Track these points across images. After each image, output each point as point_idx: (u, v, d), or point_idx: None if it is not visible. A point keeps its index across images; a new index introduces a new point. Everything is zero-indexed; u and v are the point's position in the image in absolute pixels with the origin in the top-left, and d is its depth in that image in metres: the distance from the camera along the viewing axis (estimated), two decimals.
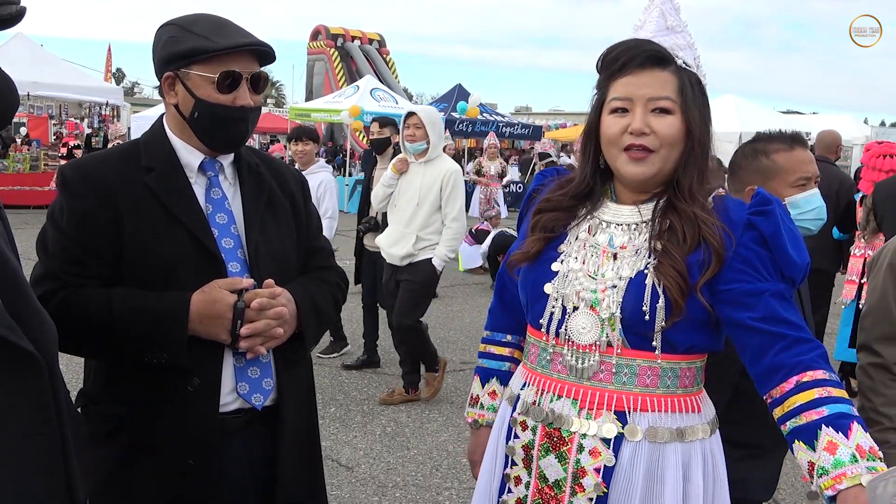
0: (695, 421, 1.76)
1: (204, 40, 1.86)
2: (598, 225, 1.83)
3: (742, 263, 1.68)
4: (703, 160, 1.77)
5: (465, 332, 8.19)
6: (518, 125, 24.62)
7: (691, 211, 1.72)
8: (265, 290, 1.88)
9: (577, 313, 1.76)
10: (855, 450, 1.50)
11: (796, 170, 2.32)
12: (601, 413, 1.73)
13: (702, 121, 1.76)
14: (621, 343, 1.73)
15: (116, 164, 1.92)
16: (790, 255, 1.68)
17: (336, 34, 29.24)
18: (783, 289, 1.69)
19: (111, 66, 29.12)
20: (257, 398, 1.93)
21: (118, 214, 1.85)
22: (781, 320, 1.65)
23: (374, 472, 4.69)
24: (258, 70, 1.95)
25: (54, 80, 16.96)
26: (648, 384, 1.73)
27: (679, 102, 1.73)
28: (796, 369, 1.60)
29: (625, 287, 1.72)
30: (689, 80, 1.76)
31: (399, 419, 5.57)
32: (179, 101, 1.93)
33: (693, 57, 1.80)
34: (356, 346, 7.38)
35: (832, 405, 1.55)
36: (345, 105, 19.61)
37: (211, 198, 1.97)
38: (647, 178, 1.77)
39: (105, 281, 1.85)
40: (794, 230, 1.73)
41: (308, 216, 2.17)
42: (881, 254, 2.64)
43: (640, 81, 1.73)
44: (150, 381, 1.85)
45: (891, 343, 2.53)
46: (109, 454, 1.87)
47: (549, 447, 1.78)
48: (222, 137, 1.95)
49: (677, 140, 1.74)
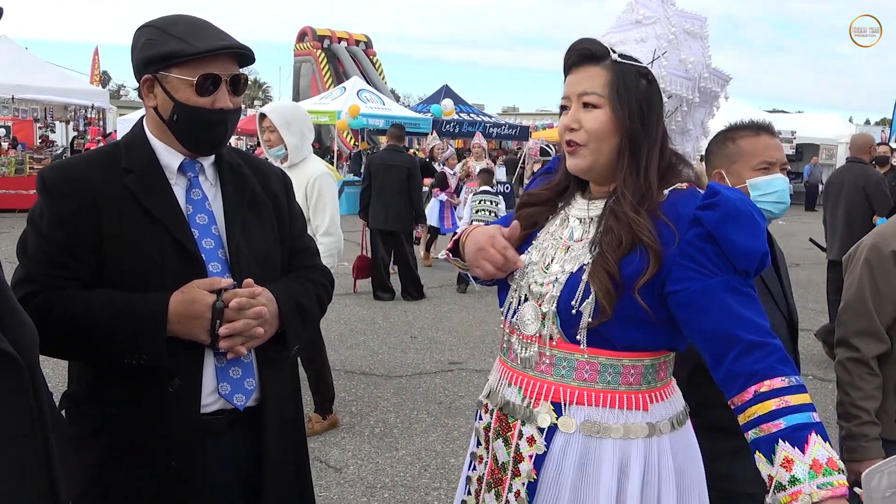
0: (637, 419, 1.75)
1: (182, 43, 1.86)
2: (566, 219, 1.87)
3: (688, 260, 1.66)
4: (638, 156, 1.74)
5: (453, 333, 8.20)
6: (505, 125, 24.69)
7: (622, 211, 1.72)
8: (244, 290, 1.87)
9: (525, 304, 1.82)
10: (811, 465, 1.50)
11: (759, 154, 2.36)
12: (539, 403, 1.77)
13: (635, 114, 1.73)
14: (560, 336, 1.75)
15: (96, 166, 1.92)
16: (739, 246, 1.63)
17: (322, 35, 29.18)
18: (736, 282, 1.65)
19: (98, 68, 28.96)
20: (239, 398, 1.92)
21: (98, 217, 1.85)
22: (735, 321, 1.62)
23: (363, 473, 4.69)
24: (238, 72, 1.95)
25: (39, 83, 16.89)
26: (587, 378, 1.75)
27: (607, 96, 1.73)
28: (753, 379, 1.59)
29: (564, 282, 1.75)
30: (624, 74, 1.74)
31: (387, 420, 5.57)
32: (158, 103, 1.92)
33: (653, 49, 1.76)
34: (347, 348, 7.38)
35: (789, 416, 1.54)
36: (332, 106, 19.62)
37: (191, 198, 1.96)
38: (583, 170, 1.81)
39: (86, 283, 1.84)
40: (752, 218, 1.67)
41: (292, 216, 2.17)
42: (858, 249, 2.67)
43: (575, 79, 1.79)
44: (131, 383, 1.85)
45: (868, 337, 2.56)
46: (93, 456, 1.86)
47: (500, 431, 1.85)
48: (202, 140, 1.95)
49: (605, 134, 1.74)
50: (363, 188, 10.04)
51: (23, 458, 1.21)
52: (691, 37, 1.81)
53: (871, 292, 2.56)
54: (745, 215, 1.65)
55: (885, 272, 2.54)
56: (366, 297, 9.70)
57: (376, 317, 8.80)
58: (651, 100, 1.75)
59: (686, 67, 1.78)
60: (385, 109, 20.77)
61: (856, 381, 2.55)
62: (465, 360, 7.20)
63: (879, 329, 2.55)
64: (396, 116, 19.29)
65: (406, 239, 9.84)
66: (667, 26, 1.77)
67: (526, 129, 25.29)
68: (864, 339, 2.56)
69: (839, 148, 25.50)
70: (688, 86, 1.79)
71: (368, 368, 6.82)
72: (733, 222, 1.64)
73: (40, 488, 1.25)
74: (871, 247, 2.60)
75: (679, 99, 1.80)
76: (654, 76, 1.75)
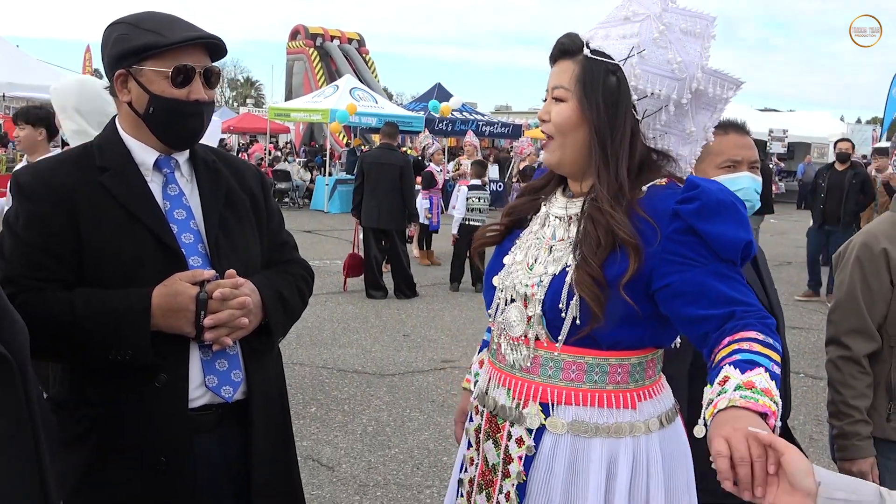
0: (625, 417, 1.74)
1: (156, 35, 1.88)
2: (547, 218, 1.87)
3: (671, 255, 1.64)
4: (606, 151, 1.73)
5: (445, 331, 8.20)
6: (498, 124, 24.68)
7: (597, 209, 1.71)
8: (227, 281, 1.88)
9: (511, 305, 1.81)
10: (744, 383, 1.38)
11: (724, 152, 2.33)
12: (528, 404, 1.77)
13: (601, 110, 1.72)
14: (546, 337, 1.75)
15: (70, 166, 1.93)
16: (721, 237, 1.61)
17: (315, 34, 29.15)
18: (723, 268, 1.62)
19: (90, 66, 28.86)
20: (227, 390, 1.92)
21: (75, 216, 1.84)
22: (726, 300, 1.58)
23: (356, 471, 4.69)
24: (210, 65, 1.96)
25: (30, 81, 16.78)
26: (574, 378, 1.74)
27: (574, 90, 1.75)
28: (727, 333, 1.52)
29: (548, 284, 1.74)
30: (591, 69, 1.74)
31: (380, 418, 5.57)
32: (133, 98, 1.93)
33: (631, 47, 1.73)
34: (339, 346, 7.38)
35: (746, 353, 1.45)
36: (325, 105, 19.56)
37: (168, 194, 1.97)
38: (553, 165, 1.83)
39: (66, 284, 1.84)
40: (733, 207, 1.64)
41: (269, 211, 2.18)
42: (848, 248, 2.68)
43: (553, 72, 1.82)
44: (116, 381, 1.85)
45: (859, 336, 2.57)
46: (81, 457, 1.86)
47: (490, 432, 1.84)
48: (178, 132, 1.96)
49: (569, 127, 1.76)
50: (356, 186, 10.04)
51: (13, 458, 1.21)
52: (689, 36, 1.76)
53: (862, 291, 2.57)
54: (727, 205, 1.63)
55: (875, 270, 2.56)
56: (358, 296, 9.70)
57: (369, 315, 8.80)
58: (618, 97, 1.74)
59: (672, 68, 1.73)
60: (378, 108, 20.74)
61: (847, 380, 2.56)
62: (457, 358, 7.20)
63: (870, 327, 2.56)
64: (389, 115, 19.27)
65: (399, 237, 9.84)
66: (655, 23, 1.74)
67: (518, 127, 25.28)
68: (855, 338, 2.57)
69: (830, 146, 25.57)
70: (674, 86, 1.75)
71: (361, 367, 6.82)
72: (713, 213, 1.62)
73: (31, 489, 1.25)
74: (862, 245, 2.61)
75: (664, 99, 1.76)
76: (623, 74, 1.73)
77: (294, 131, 29.86)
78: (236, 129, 29.39)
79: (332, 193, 19.38)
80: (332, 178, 19.85)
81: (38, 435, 1.27)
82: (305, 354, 7.01)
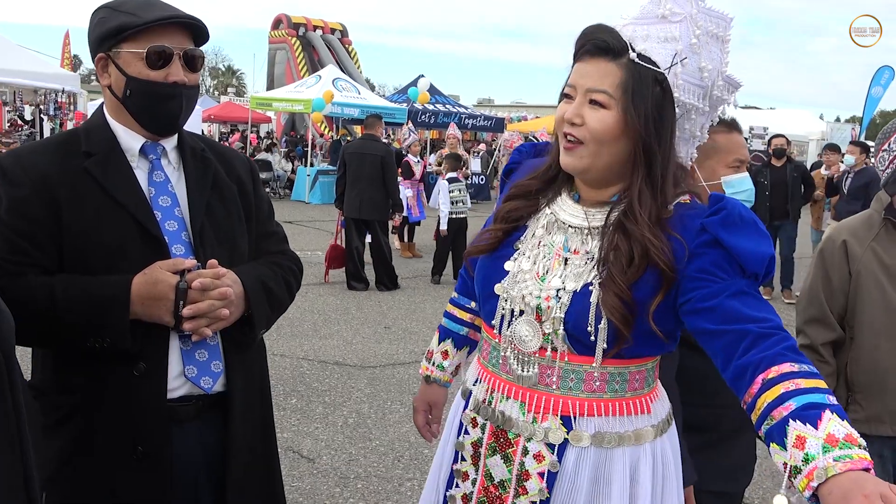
0: (644, 423, 1.71)
1: (131, 17, 1.86)
2: (555, 223, 1.76)
3: (698, 271, 1.58)
4: (653, 168, 1.64)
5: (426, 323, 8.20)
6: (480, 117, 24.66)
7: (639, 232, 1.61)
8: (208, 271, 1.86)
9: (521, 318, 1.71)
10: (825, 439, 1.31)
11: (734, 151, 2.34)
12: (547, 417, 1.69)
13: (648, 123, 1.61)
14: (567, 350, 1.68)
15: (55, 151, 1.91)
16: (746, 250, 1.56)
17: (298, 23, 28.96)
18: (744, 285, 1.56)
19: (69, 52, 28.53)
20: (206, 381, 1.91)
21: (57, 202, 1.82)
22: (743, 318, 1.52)
23: (336, 463, 4.68)
24: (191, 47, 1.94)
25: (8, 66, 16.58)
26: (595, 389, 1.68)
27: (617, 98, 1.61)
28: (760, 367, 1.45)
29: (569, 301, 1.65)
30: (639, 77, 1.61)
31: (361, 410, 5.56)
32: (112, 81, 1.92)
33: (674, 53, 1.63)
34: (320, 338, 7.36)
35: (800, 397, 1.38)
36: (307, 95, 19.46)
37: (153, 181, 1.95)
38: (578, 171, 1.70)
39: (46, 269, 1.82)
40: (755, 224, 1.61)
41: (258, 201, 2.16)
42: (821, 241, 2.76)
43: (585, 70, 1.65)
44: (95, 369, 1.83)
45: (817, 325, 2.64)
46: (60, 444, 1.85)
47: (496, 447, 1.75)
48: (156, 115, 1.93)
49: (609, 137, 1.62)
50: (338, 177, 10.00)
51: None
52: (713, 39, 1.68)
53: (823, 282, 2.64)
54: (749, 221, 1.60)
55: (835, 263, 2.63)
56: (339, 287, 9.67)
57: (350, 307, 8.78)
58: (664, 108, 1.63)
59: (702, 76, 1.66)
60: (360, 99, 20.66)
61: None
62: None
63: (828, 317, 2.61)
64: (372, 106, 19.22)
65: (381, 228, 9.82)
66: (692, 27, 1.64)
67: (501, 120, 25.30)
68: (814, 327, 2.63)
69: (810, 145, 25.79)
70: (699, 94, 1.68)
71: (342, 358, 6.80)
72: (739, 226, 1.57)
73: (14, 476, 1.23)
74: (826, 239, 2.71)
75: (688, 107, 1.69)
76: (668, 83, 1.63)
77: (275, 121, 29.71)
78: (217, 118, 29.18)
79: (313, 184, 19.31)
80: (314, 169, 19.78)
81: (22, 423, 1.25)
82: (286, 346, 6.98)
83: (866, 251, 2.59)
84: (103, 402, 1.84)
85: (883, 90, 27.00)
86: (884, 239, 2.61)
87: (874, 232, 2.62)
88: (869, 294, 2.57)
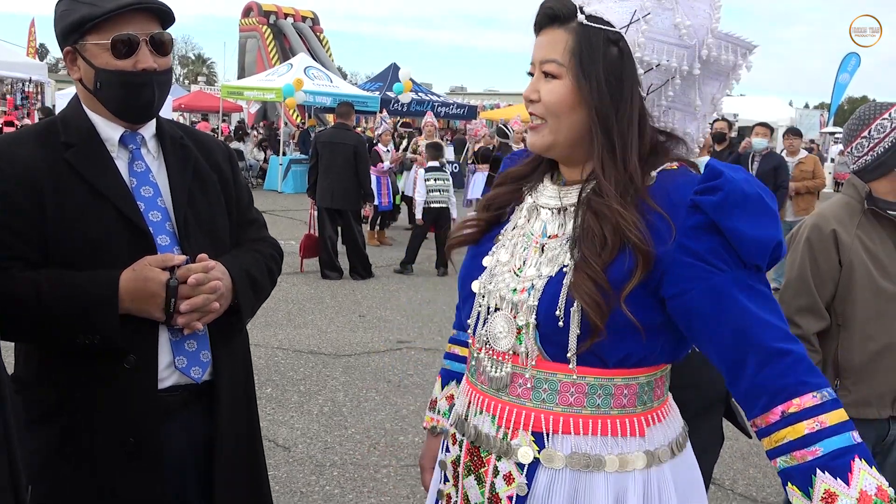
0: (633, 447, 1.49)
1: (92, 7, 1.82)
2: (534, 209, 1.61)
3: (689, 256, 1.39)
4: (611, 137, 1.47)
5: (401, 312, 8.21)
6: (454, 105, 24.66)
7: (604, 204, 1.44)
8: (198, 265, 1.85)
9: (497, 315, 1.54)
10: (858, 499, 1.26)
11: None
12: (517, 433, 1.50)
13: (603, 88, 1.46)
14: (539, 354, 1.49)
15: (34, 142, 1.88)
16: (748, 236, 1.37)
17: (268, 11, 28.71)
18: (746, 277, 1.39)
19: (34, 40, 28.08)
20: (196, 371, 1.91)
21: (39, 193, 1.80)
22: (751, 325, 1.37)
23: (312, 451, 4.68)
24: (157, 31, 1.89)
25: None
26: (572, 402, 1.48)
27: (569, 65, 1.47)
28: (780, 397, 1.34)
29: (542, 288, 1.48)
30: (588, 39, 1.46)
31: (336, 398, 5.57)
32: (82, 74, 1.89)
33: (634, 10, 1.46)
34: (294, 327, 7.35)
35: (827, 441, 1.30)
36: (279, 83, 19.31)
37: (134, 171, 1.93)
38: (542, 149, 1.56)
39: (31, 263, 1.80)
40: (761, 201, 1.39)
41: (238, 188, 2.15)
42: (800, 229, 2.77)
43: (539, 43, 1.54)
44: (84, 362, 1.82)
45: (809, 315, 2.66)
46: (47, 438, 1.84)
47: (471, 467, 1.58)
48: (130, 104, 1.90)
49: (563, 108, 1.49)
50: (310, 166, 9.97)
51: None
52: None
53: (812, 271, 2.65)
54: (754, 198, 1.38)
55: (824, 251, 2.63)
56: (313, 276, 9.65)
57: (324, 296, 8.77)
58: (622, 71, 1.46)
59: (680, 33, 1.47)
60: (333, 87, 20.55)
61: None
62: (413, 338, 7.22)
63: (820, 306, 2.64)
64: (344, 94, 19.13)
65: (354, 217, 9.80)
66: None
67: (474, 108, 25.33)
68: (805, 316, 2.65)
69: (779, 131, 26.00)
70: (682, 55, 1.48)
71: (317, 347, 6.80)
72: (740, 208, 1.37)
73: (1, 472, 1.23)
74: (812, 227, 2.70)
75: (671, 70, 1.49)
76: (626, 43, 1.46)
77: (247, 110, 29.48)
78: (188, 108, 28.88)
79: (286, 173, 19.21)
80: (287, 158, 19.66)
81: (8, 417, 1.25)
82: (260, 335, 6.96)
83: (854, 239, 2.63)
84: (91, 396, 1.83)
85: (850, 77, 27.32)
86: (866, 226, 2.65)
87: (857, 220, 2.65)
88: (860, 281, 2.61)
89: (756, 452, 4.77)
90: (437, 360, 6.54)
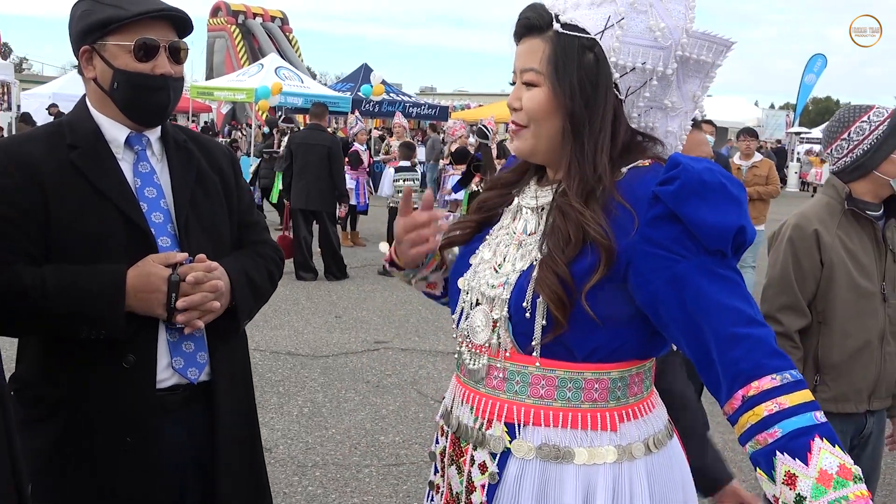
0: (604, 441, 1.51)
1: (117, 9, 1.86)
2: (518, 210, 1.66)
3: (652, 246, 1.42)
4: (581, 140, 1.51)
5: (377, 312, 8.23)
6: (425, 105, 24.67)
7: (567, 203, 1.50)
8: (200, 265, 1.88)
9: (476, 309, 1.60)
10: (817, 479, 1.26)
11: (693, 149, 2.38)
12: (492, 424, 1.55)
13: (577, 94, 1.50)
14: (512, 346, 1.53)
15: (40, 143, 1.90)
16: (706, 223, 1.38)
17: (237, 10, 28.56)
18: (711, 263, 1.40)
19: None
20: (192, 372, 1.94)
21: (43, 192, 1.82)
22: (713, 311, 1.38)
23: (293, 452, 4.69)
24: (176, 40, 1.95)
25: None
26: (543, 395, 1.52)
27: (547, 73, 1.52)
28: (738, 381, 1.36)
29: (514, 282, 1.53)
30: (563, 47, 1.50)
31: (315, 399, 5.58)
32: (98, 74, 1.92)
33: (608, 16, 1.49)
34: (271, 328, 7.34)
35: (785, 422, 1.31)
36: (249, 84, 19.18)
37: (139, 172, 1.95)
38: (525, 154, 1.61)
39: (34, 258, 1.82)
40: (721, 188, 1.41)
41: (240, 191, 2.18)
42: (782, 228, 2.83)
43: (519, 52, 1.59)
44: (83, 361, 1.84)
45: (791, 312, 2.72)
46: (48, 436, 1.85)
47: (453, 456, 1.63)
48: (144, 107, 1.94)
49: (542, 114, 1.54)
50: (285, 168, 9.94)
51: None
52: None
53: (794, 269, 2.72)
54: (713, 185, 1.40)
55: (806, 250, 2.70)
56: (288, 277, 9.62)
57: (300, 297, 8.76)
58: (598, 77, 1.50)
59: (655, 35, 1.50)
60: (304, 88, 20.45)
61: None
62: (390, 339, 7.24)
63: (802, 304, 2.71)
64: (315, 95, 19.05)
65: (329, 218, 9.80)
66: None
67: (445, 109, 25.35)
68: (788, 314, 2.72)
69: None
70: (658, 56, 1.51)
71: (294, 348, 6.80)
72: (698, 195, 1.39)
73: (2, 471, 1.24)
74: (795, 226, 2.76)
75: (648, 72, 1.52)
76: (601, 49, 1.50)
77: (216, 111, 29.26)
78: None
79: None
80: (258, 160, 19.53)
81: (9, 416, 1.27)
82: None
83: (835, 239, 2.70)
84: (92, 394, 1.85)
85: (816, 77, 27.75)
86: (845, 225, 2.72)
87: (837, 219, 2.73)
88: (840, 280, 2.68)
89: (731, 448, 4.85)
90: (414, 361, 6.58)
